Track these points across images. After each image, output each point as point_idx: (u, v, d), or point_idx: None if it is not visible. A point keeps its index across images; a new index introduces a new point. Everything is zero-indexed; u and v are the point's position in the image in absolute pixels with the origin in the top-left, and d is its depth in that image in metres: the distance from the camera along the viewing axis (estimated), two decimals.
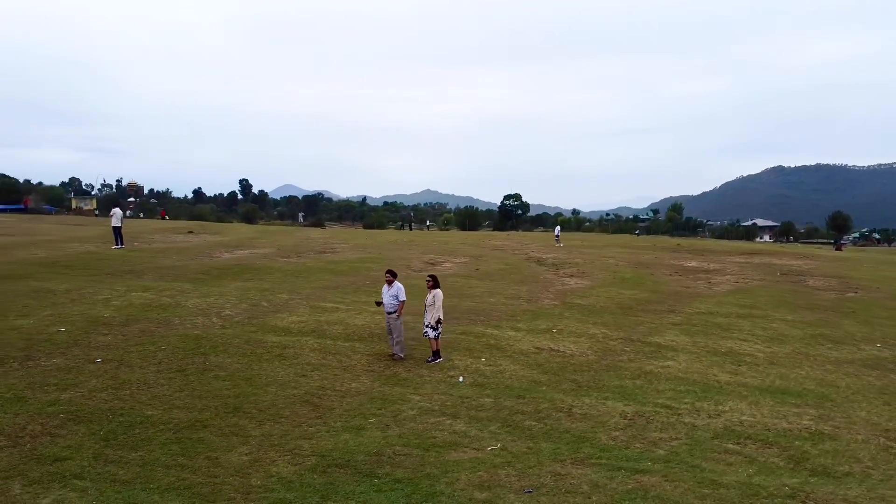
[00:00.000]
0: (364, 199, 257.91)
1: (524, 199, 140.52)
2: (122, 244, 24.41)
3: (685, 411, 8.87)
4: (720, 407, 9.17)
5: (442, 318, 10.85)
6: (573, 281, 22.42)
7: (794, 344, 13.84)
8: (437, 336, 10.85)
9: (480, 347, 11.93)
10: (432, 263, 25.72)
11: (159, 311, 13.07)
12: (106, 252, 22.65)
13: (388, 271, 11.31)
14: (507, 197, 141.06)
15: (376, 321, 13.10)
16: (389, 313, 10.93)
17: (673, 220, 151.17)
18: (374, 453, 6.91)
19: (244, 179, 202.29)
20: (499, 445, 7.34)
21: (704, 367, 11.42)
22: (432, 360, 10.78)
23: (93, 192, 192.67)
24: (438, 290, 10.95)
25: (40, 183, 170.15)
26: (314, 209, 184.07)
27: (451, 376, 10.12)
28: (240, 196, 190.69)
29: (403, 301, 11.03)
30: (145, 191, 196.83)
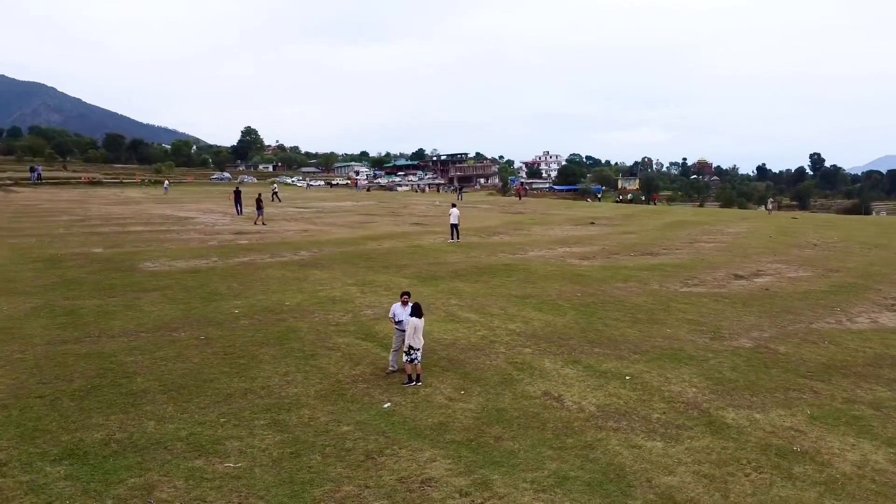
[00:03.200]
0: None
1: None
2: (456, 238, 28.88)
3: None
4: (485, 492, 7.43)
5: (415, 345, 11.16)
6: (880, 317, 16.81)
7: None
8: (410, 361, 11.23)
9: (492, 381, 11.48)
10: (741, 276, 22.33)
11: (325, 304, 16.46)
12: (434, 245, 27.41)
13: (405, 293, 12.11)
14: None
15: (459, 336, 13.76)
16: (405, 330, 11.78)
17: None
18: (140, 447, 8.72)
19: (815, 153, 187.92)
20: (240, 465, 8.19)
21: (661, 456, 8.63)
22: (407, 384, 11.24)
23: (663, 169, 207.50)
24: (413, 318, 11.27)
25: (621, 163, 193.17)
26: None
27: (392, 401, 10.56)
28: (809, 172, 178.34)
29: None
30: (713, 167, 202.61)
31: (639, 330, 14.90)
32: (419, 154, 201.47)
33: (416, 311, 11.37)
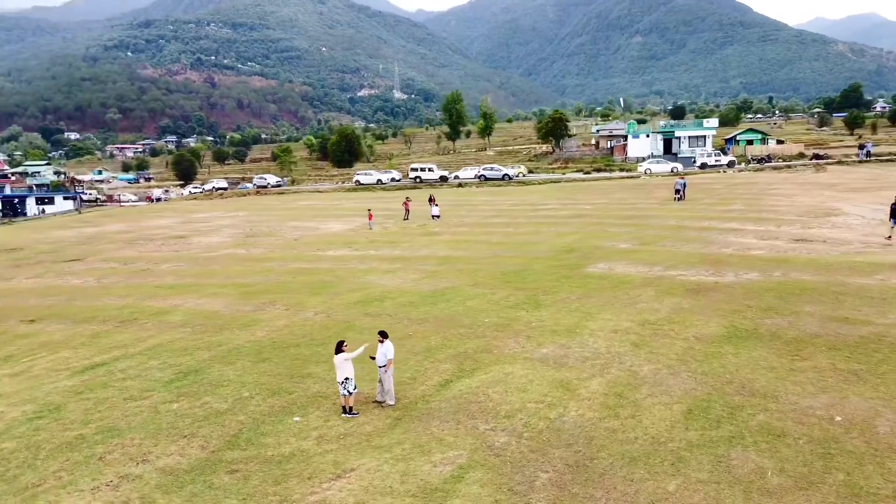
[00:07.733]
0: None
1: None
2: None
3: None
4: None
5: (337, 379, 12.13)
6: None
7: None
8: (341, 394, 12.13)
9: (388, 444, 10.89)
10: None
11: (537, 332, 16.01)
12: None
13: (380, 332, 12.72)
14: None
15: (518, 399, 12.36)
16: (381, 366, 12.60)
17: None
18: (201, 383, 13.83)
19: None
20: (175, 407, 12.66)
21: None
22: (343, 414, 12.17)
23: None
24: (336, 354, 12.16)
25: None
26: None
27: (307, 422, 12.03)
28: None
29: (391, 359, 12.59)
30: None
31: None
32: None
33: (336, 348, 12.15)
